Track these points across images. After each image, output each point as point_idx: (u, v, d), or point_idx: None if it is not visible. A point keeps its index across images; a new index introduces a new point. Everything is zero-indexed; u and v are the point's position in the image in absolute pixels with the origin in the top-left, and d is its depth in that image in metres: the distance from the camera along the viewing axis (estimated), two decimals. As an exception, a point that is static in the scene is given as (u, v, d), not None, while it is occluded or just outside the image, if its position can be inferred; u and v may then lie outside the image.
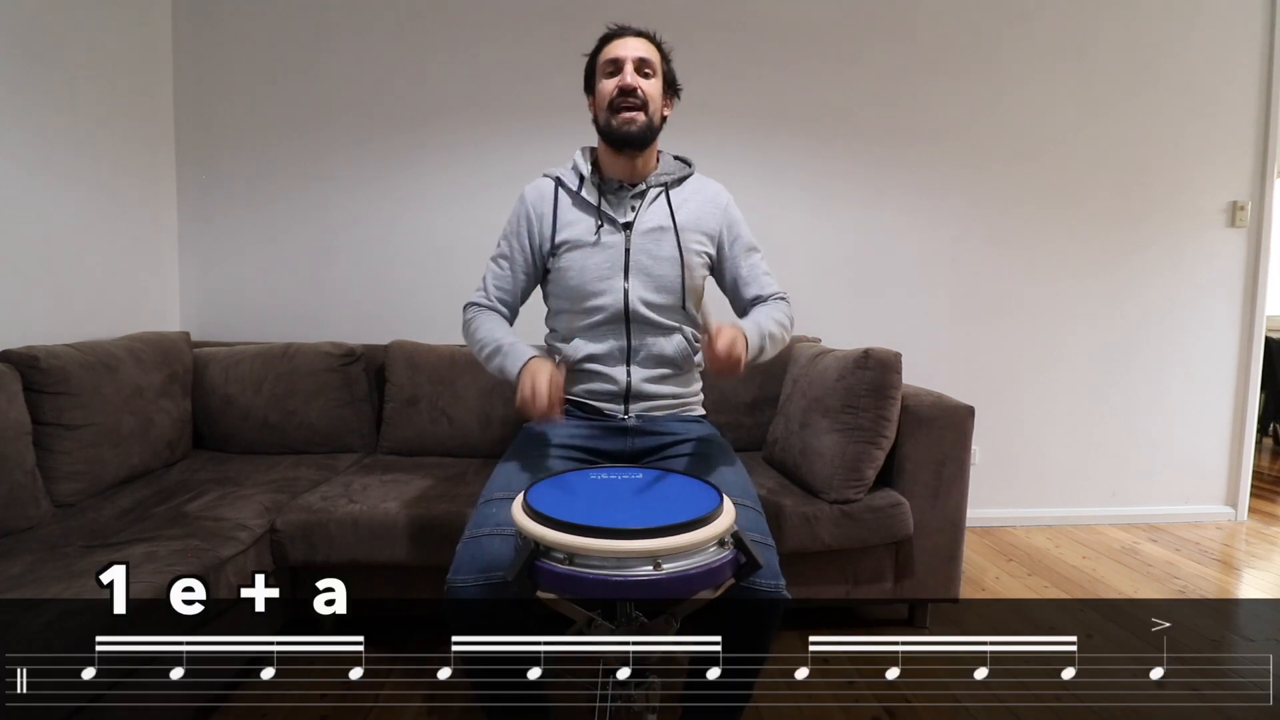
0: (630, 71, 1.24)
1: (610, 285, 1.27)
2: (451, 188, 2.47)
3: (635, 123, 1.24)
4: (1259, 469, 3.62)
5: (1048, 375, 2.70)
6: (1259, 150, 2.67)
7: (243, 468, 1.90)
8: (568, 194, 1.32)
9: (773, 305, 1.33)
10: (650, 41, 1.29)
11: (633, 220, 1.29)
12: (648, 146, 1.29)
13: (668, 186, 1.34)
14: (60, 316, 1.91)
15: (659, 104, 1.28)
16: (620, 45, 1.26)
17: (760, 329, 1.22)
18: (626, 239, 1.29)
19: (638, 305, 1.28)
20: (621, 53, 1.25)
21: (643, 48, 1.26)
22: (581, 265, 1.28)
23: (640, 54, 1.25)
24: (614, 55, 1.25)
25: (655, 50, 1.29)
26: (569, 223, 1.30)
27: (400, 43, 2.42)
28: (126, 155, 2.18)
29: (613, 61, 1.25)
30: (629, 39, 1.27)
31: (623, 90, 1.23)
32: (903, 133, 2.57)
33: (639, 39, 1.27)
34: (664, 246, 1.29)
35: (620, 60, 1.24)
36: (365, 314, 2.47)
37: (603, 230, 1.28)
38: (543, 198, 1.33)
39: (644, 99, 1.24)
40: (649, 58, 1.26)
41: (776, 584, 1.01)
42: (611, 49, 1.26)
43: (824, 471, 1.71)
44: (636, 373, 1.30)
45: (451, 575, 0.98)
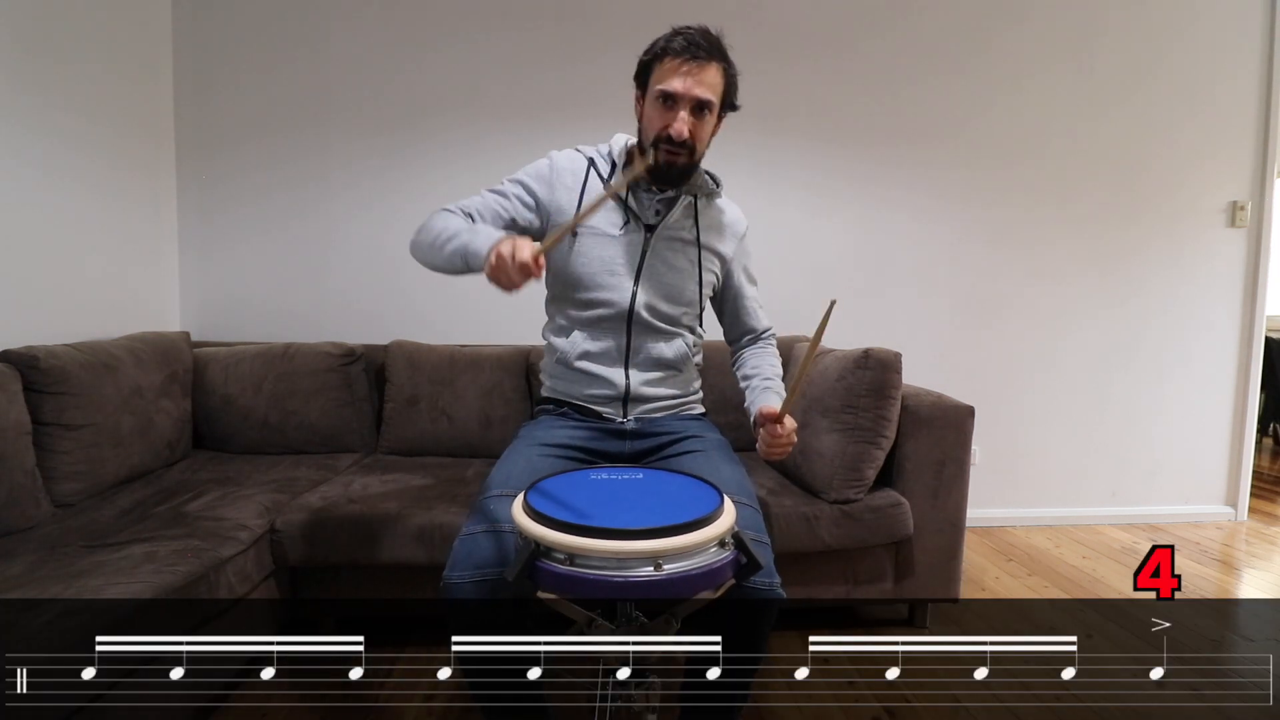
0: (685, 117, 1.13)
1: (619, 283, 1.25)
2: (452, 186, 2.46)
3: (677, 164, 1.18)
4: (1259, 469, 3.62)
5: (1048, 375, 2.70)
6: (1259, 150, 2.67)
7: (243, 468, 1.90)
8: (599, 179, 1.27)
9: (770, 353, 1.40)
10: (722, 67, 1.15)
11: (657, 223, 1.26)
12: (684, 182, 1.24)
13: (696, 199, 1.30)
14: (60, 316, 1.91)
15: (706, 139, 1.21)
16: (685, 75, 1.11)
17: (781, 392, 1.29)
18: (646, 241, 1.25)
19: (642, 310, 1.26)
20: (683, 89, 1.12)
21: (708, 85, 1.13)
22: (596, 254, 1.24)
23: (703, 95, 1.13)
24: (674, 90, 1.12)
25: (721, 81, 1.15)
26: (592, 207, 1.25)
27: (400, 41, 2.42)
28: (126, 155, 2.18)
29: (671, 97, 1.13)
30: (692, 73, 1.11)
31: (671, 138, 1.14)
32: (903, 133, 2.57)
33: (706, 70, 1.12)
34: (680, 258, 1.28)
35: (678, 98, 1.12)
36: (365, 314, 2.47)
37: (627, 226, 1.25)
38: (572, 171, 1.27)
39: (691, 145, 1.16)
40: (710, 100, 1.14)
41: (771, 582, 1.01)
42: (674, 77, 1.12)
43: (824, 471, 1.70)
44: (635, 376, 1.28)
45: (447, 572, 0.98)
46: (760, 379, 1.31)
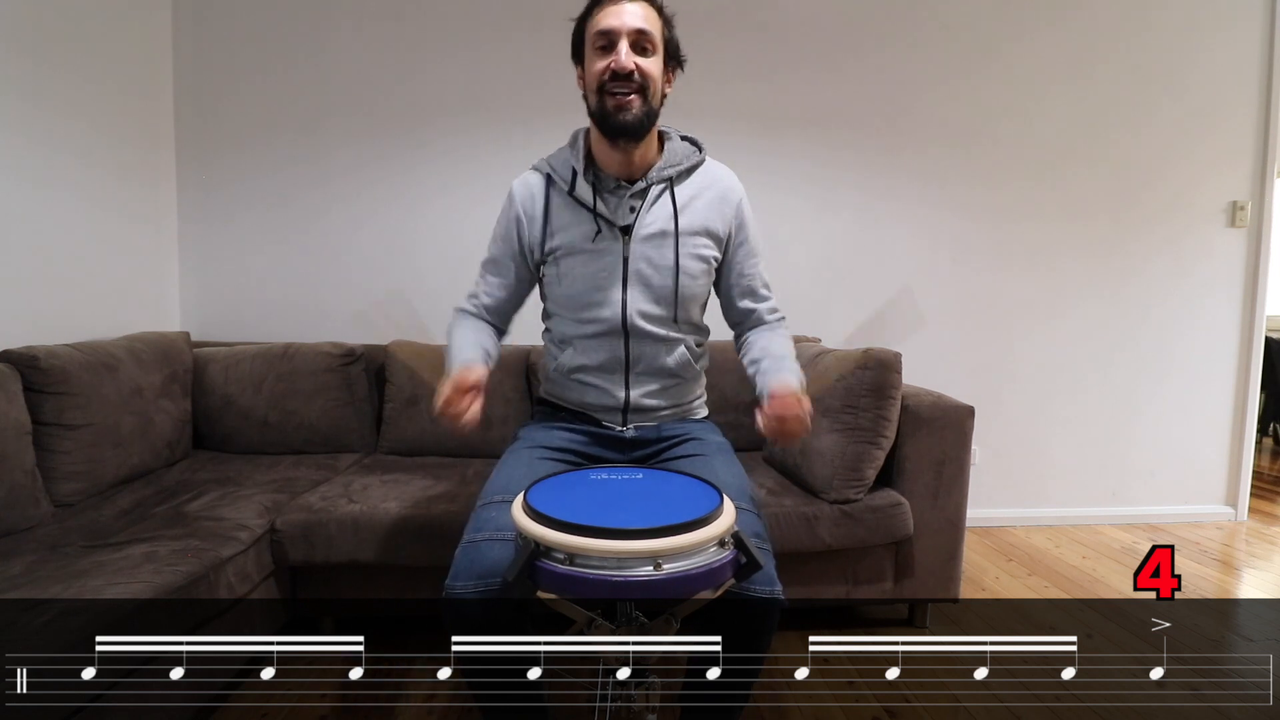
0: (625, 49, 1.07)
1: (608, 297, 1.18)
2: (452, 187, 2.47)
3: (631, 109, 1.08)
4: (1259, 469, 3.63)
5: (1048, 375, 2.70)
6: (1259, 150, 2.67)
7: (243, 468, 1.90)
8: (559, 192, 1.20)
9: (780, 334, 1.25)
10: (650, 4, 1.11)
11: (632, 224, 1.17)
12: (645, 135, 1.13)
13: (672, 182, 1.19)
14: (60, 316, 1.91)
15: (659, 84, 1.12)
16: (614, 13, 1.08)
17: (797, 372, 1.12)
18: (625, 246, 1.17)
19: (636, 319, 1.20)
20: (615, 23, 1.07)
21: (641, 15, 1.09)
22: (577, 273, 1.18)
23: (638, 25, 1.08)
24: (606, 25, 1.08)
25: (656, 16, 1.11)
26: (563, 226, 1.19)
27: (400, 44, 2.42)
28: (126, 155, 2.18)
29: (605, 34, 1.08)
30: (624, 4, 1.08)
31: (615, 74, 1.07)
32: (904, 135, 2.57)
33: (637, 3, 1.09)
34: (666, 254, 1.19)
35: (614, 33, 1.07)
36: (365, 314, 2.46)
37: (599, 237, 1.17)
38: (532, 197, 1.22)
39: (641, 81, 1.08)
40: (648, 29, 1.09)
41: (773, 589, 0.98)
42: (604, 17, 1.08)
43: (824, 471, 1.71)
44: (636, 389, 1.24)
45: (449, 581, 0.97)
46: (771, 359, 1.15)
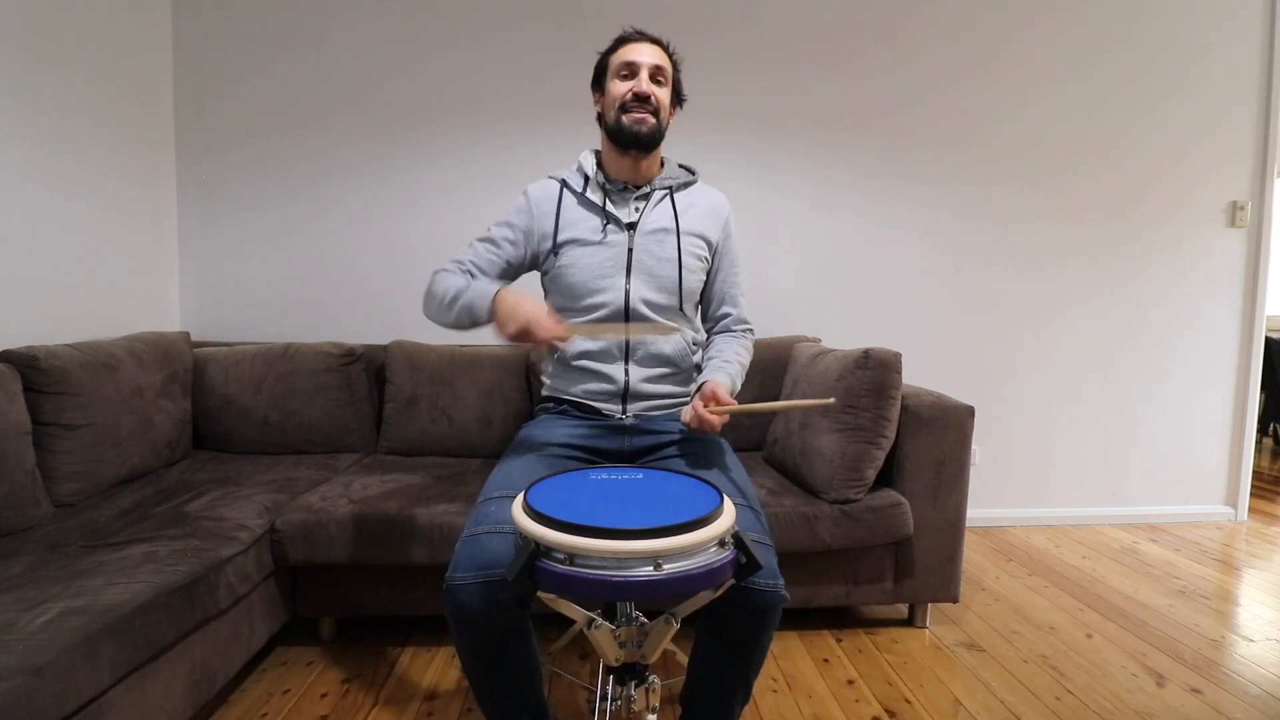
0: (646, 78, 1.28)
1: (612, 283, 1.29)
2: (452, 186, 2.47)
3: (645, 124, 1.27)
4: (1259, 469, 3.63)
5: (1048, 375, 2.70)
6: (1259, 150, 2.67)
7: (243, 468, 1.90)
8: (572, 194, 1.34)
9: (741, 343, 1.38)
10: (665, 51, 1.33)
11: (637, 220, 1.31)
12: (654, 149, 1.32)
13: (672, 190, 1.36)
14: (60, 316, 1.91)
15: (667, 111, 1.32)
16: (637, 50, 1.29)
17: (734, 376, 1.29)
18: (630, 238, 1.30)
19: (638, 304, 1.29)
20: (638, 58, 1.28)
21: (658, 56, 1.30)
22: (584, 263, 1.29)
23: (656, 62, 1.29)
24: (631, 59, 1.28)
25: (668, 60, 1.33)
26: (572, 222, 1.32)
27: (399, 44, 2.42)
28: (126, 155, 2.18)
29: (629, 65, 1.29)
30: (645, 45, 1.30)
31: (637, 96, 1.27)
32: (904, 134, 2.57)
33: (655, 47, 1.31)
34: (666, 248, 1.31)
35: (637, 65, 1.28)
36: (365, 314, 2.47)
37: (608, 229, 1.30)
38: (547, 196, 1.35)
39: (655, 105, 1.28)
40: (663, 66, 1.30)
41: (775, 584, 1.00)
42: (628, 52, 1.29)
43: (824, 471, 1.71)
44: (635, 372, 1.31)
45: (450, 573, 0.98)
46: (721, 360, 1.31)
